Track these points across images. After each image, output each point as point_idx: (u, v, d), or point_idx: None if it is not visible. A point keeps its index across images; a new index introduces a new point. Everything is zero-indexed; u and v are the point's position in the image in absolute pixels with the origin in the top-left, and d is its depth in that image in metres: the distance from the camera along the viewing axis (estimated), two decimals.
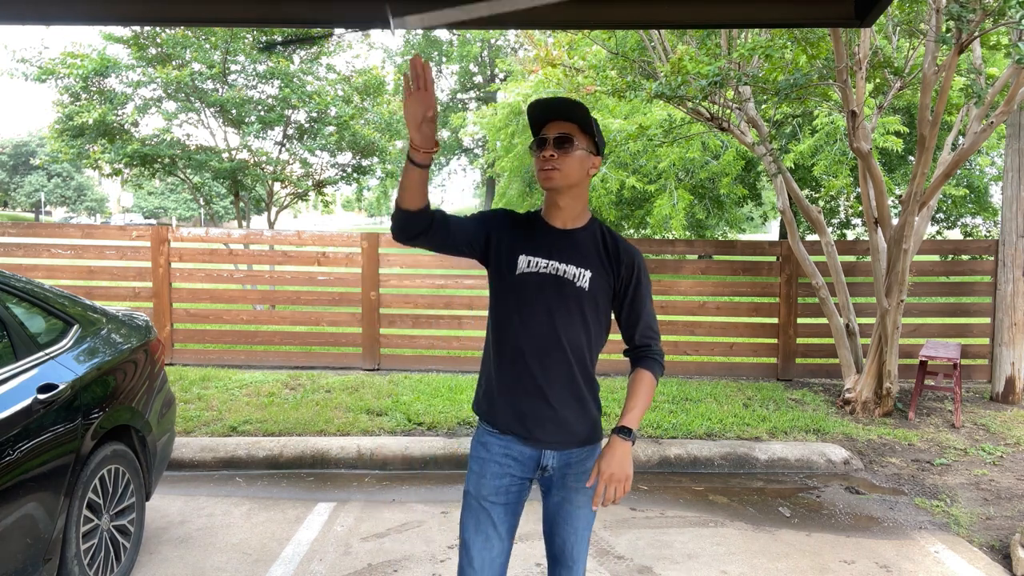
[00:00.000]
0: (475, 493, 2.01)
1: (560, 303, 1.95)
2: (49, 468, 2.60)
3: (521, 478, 2.01)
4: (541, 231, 2.02)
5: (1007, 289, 6.45)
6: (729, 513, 4.11)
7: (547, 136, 1.93)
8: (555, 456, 2.00)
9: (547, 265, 1.96)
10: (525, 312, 1.96)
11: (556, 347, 1.95)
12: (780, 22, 2.35)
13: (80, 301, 3.40)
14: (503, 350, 2.00)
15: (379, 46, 30.69)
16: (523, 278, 1.97)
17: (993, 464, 4.87)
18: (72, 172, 45.40)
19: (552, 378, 1.95)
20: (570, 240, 1.99)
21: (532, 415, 1.95)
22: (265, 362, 7.22)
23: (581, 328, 1.97)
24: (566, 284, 1.95)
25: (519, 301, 1.98)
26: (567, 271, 1.95)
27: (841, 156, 9.20)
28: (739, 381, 6.95)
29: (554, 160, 1.91)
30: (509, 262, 1.98)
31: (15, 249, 7.45)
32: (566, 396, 1.97)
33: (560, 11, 2.34)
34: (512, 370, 1.98)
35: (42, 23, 2.33)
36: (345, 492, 4.34)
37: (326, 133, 10.51)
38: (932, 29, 5.08)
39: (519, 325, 1.97)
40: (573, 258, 1.97)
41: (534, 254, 1.98)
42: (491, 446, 2.01)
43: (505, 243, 2.00)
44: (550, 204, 2.01)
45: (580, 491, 2.00)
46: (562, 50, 7.53)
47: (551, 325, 1.95)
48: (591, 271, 1.97)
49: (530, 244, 1.99)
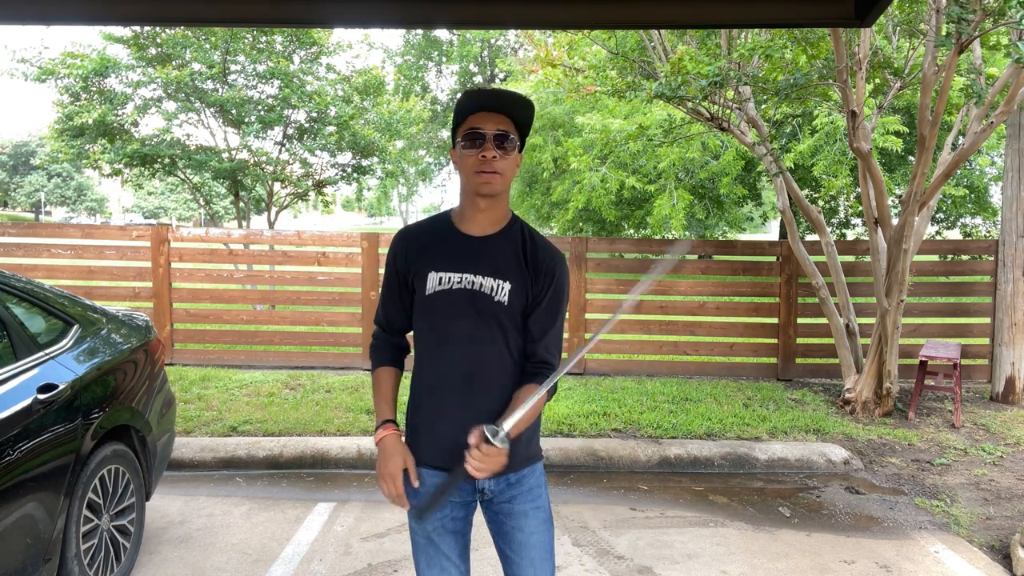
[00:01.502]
0: (420, 531, 1.84)
1: (479, 321, 1.73)
2: (49, 468, 2.60)
3: (462, 503, 1.83)
4: (452, 241, 1.78)
5: (1007, 289, 6.45)
6: (729, 513, 4.11)
7: (485, 132, 1.68)
8: (492, 480, 1.80)
9: (460, 280, 1.74)
10: (441, 336, 1.76)
11: (479, 371, 1.75)
12: (780, 22, 2.35)
13: (80, 301, 3.40)
14: (419, 381, 1.83)
15: (379, 46, 30.65)
16: (433, 298, 1.75)
17: (993, 464, 4.87)
18: (72, 172, 45.41)
19: (477, 407, 1.74)
20: (486, 248, 1.76)
21: (457, 450, 1.68)
22: (265, 362, 7.22)
23: (504, 346, 1.76)
24: (483, 299, 1.73)
25: (432, 325, 1.77)
26: (483, 284, 1.73)
27: (841, 156, 9.21)
28: (739, 381, 6.95)
29: (496, 162, 1.68)
30: (420, 282, 1.77)
31: (15, 249, 7.45)
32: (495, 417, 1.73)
33: (560, 11, 2.34)
34: (430, 401, 1.79)
35: (42, 23, 2.33)
36: (345, 492, 4.34)
37: (326, 133, 10.51)
38: (932, 29, 5.08)
39: (434, 352, 1.77)
40: (489, 269, 1.74)
41: (444, 269, 1.75)
42: (425, 478, 1.80)
43: (414, 263, 1.78)
44: (470, 209, 1.77)
45: (530, 515, 1.82)
46: (562, 50, 7.53)
47: (471, 347, 1.74)
48: (511, 282, 1.74)
49: (440, 258, 1.76)
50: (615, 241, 10.09)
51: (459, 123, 1.74)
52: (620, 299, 7.22)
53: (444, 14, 2.32)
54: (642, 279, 1.71)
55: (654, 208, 12.38)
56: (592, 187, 12.43)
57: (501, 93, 1.70)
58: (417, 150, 27.81)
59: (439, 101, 29.57)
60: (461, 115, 1.73)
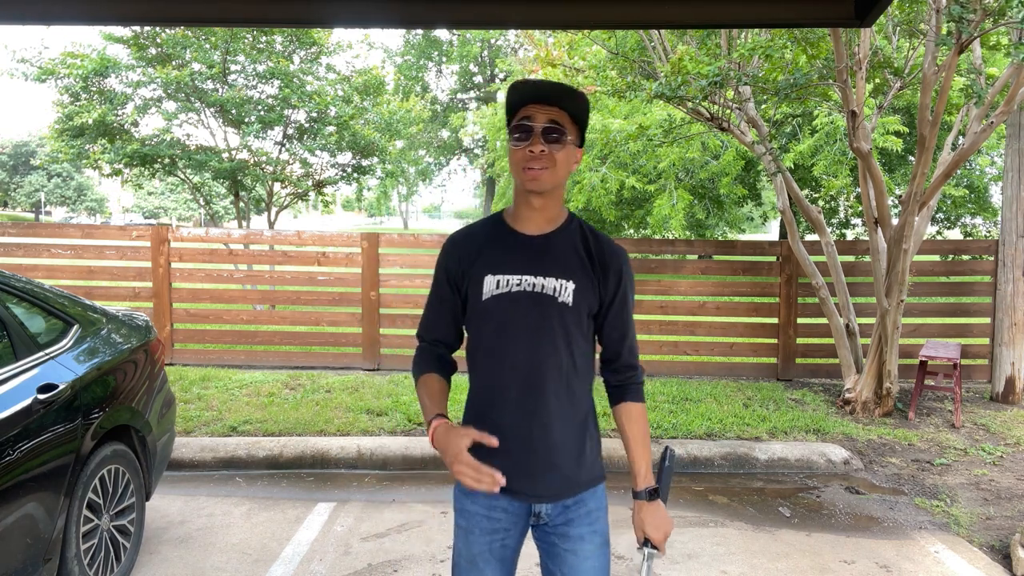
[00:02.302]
0: (465, 553, 1.71)
1: (542, 325, 1.62)
2: (49, 468, 2.60)
3: (515, 530, 1.72)
4: (509, 241, 1.68)
5: (1007, 289, 6.45)
6: (729, 513, 4.11)
7: (533, 125, 1.58)
8: (550, 505, 1.70)
9: (520, 281, 1.63)
10: (499, 343, 1.64)
11: (541, 381, 1.63)
12: (780, 22, 2.35)
13: (80, 301, 3.40)
14: (477, 393, 1.71)
15: (379, 46, 30.65)
16: (492, 302, 1.63)
17: (993, 464, 4.87)
18: (72, 172, 45.41)
19: (538, 419, 1.63)
20: (546, 247, 1.66)
21: (516, 468, 1.61)
22: (265, 362, 7.22)
23: (568, 353, 1.64)
24: (546, 301, 1.62)
25: (491, 331, 1.65)
26: (546, 285, 1.62)
27: (841, 156, 9.21)
28: (739, 381, 6.95)
29: (544, 157, 1.58)
30: (475, 287, 1.66)
31: (15, 249, 7.45)
32: (557, 438, 1.65)
33: (560, 11, 2.34)
34: (492, 417, 1.65)
35: (42, 23, 2.33)
36: (345, 492, 4.34)
37: (326, 133, 10.51)
38: (932, 29, 5.08)
39: (493, 360, 1.65)
40: (551, 268, 1.64)
41: (503, 271, 1.64)
42: (476, 497, 1.70)
43: (468, 268, 1.67)
44: (523, 207, 1.67)
45: (587, 539, 1.70)
46: (562, 50, 7.54)
47: (533, 355, 1.62)
48: (574, 281, 1.64)
49: (496, 260, 1.65)
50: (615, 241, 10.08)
51: (511, 115, 1.64)
52: None
53: (444, 14, 2.31)
54: None
55: (654, 208, 12.37)
56: (592, 187, 12.43)
57: (550, 84, 1.60)
58: (417, 150, 27.81)
59: (439, 101, 29.57)
60: (511, 109, 1.63)
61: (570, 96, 1.60)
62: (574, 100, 1.61)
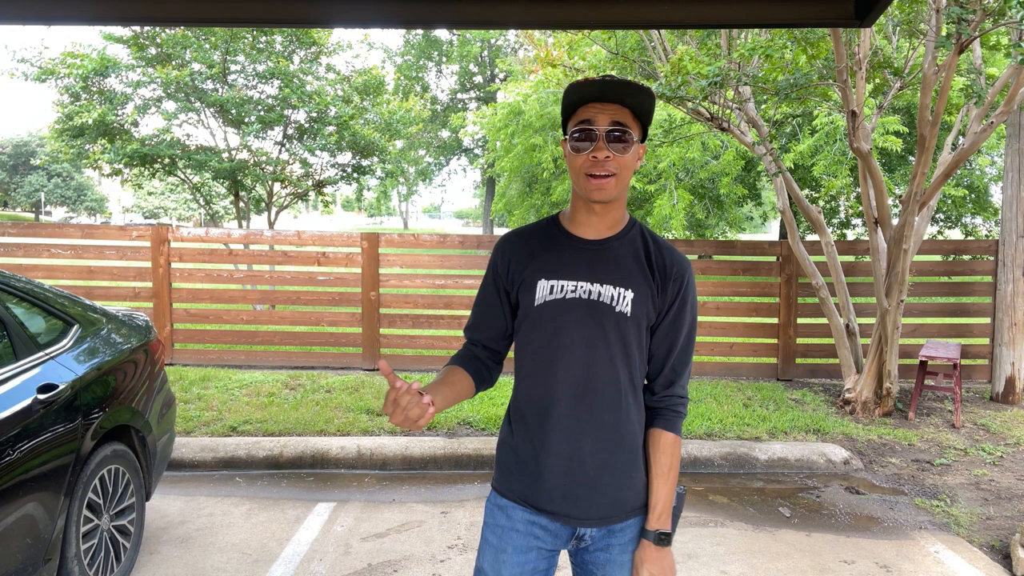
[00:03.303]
0: (491, 571, 1.57)
1: (597, 335, 1.51)
2: (49, 468, 2.60)
3: (551, 550, 1.59)
4: (565, 245, 1.57)
5: (1007, 289, 6.45)
6: (729, 513, 4.11)
7: (595, 128, 1.45)
8: (595, 529, 1.58)
9: (576, 288, 1.52)
10: (551, 352, 1.53)
11: (595, 394, 1.51)
12: (780, 22, 2.35)
13: (80, 301, 3.40)
14: (525, 405, 1.57)
15: (379, 46, 30.66)
16: (545, 308, 1.53)
17: (993, 464, 4.87)
18: (72, 172, 45.41)
19: (590, 436, 1.51)
20: (605, 253, 1.54)
21: (563, 490, 1.52)
22: (265, 362, 7.22)
23: (625, 366, 1.52)
24: (603, 310, 1.51)
25: (543, 338, 1.53)
26: (603, 293, 1.51)
27: (841, 156, 9.21)
28: (739, 381, 6.95)
29: (610, 163, 1.45)
30: (527, 292, 1.55)
31: (15, 249, 7.45)
32: (608, 458, 1.53)
33: (560, 11, 2.33)
34: (537, 431, 1.54)
35: (42, 23, 2.33)
36: (345, 492, 4.34)
37: (326, 133, 10.52)
38: (932, 29, 5.08)
39: (543, 370, 1.53)
40: (610, 275, 1.52)
41: (557, 276, 1.53)
42: (512, 512, 1.57)
43: (520, 272, 1.57)
44: (583, 211, 1.55)
45: (626, 567, 1.60)
46: (562, 50, 7.53)
47: (586, 367, 1.51)
48: (633, 290, 1.52)
49: (551, 264, 1.54)
50: None
51: (568, 116, 1.51)
52: None
53: (444, 14, 2.31)
54: None
55: (654, 208, 12.38)
56: None
57: (612, 80, 1.45)
58: (417, 150, 27.82)
59: (439, 101, 29.57)
60: (570, 107, 1.50)
61: (633, 91, 1.46)
62: (638, 95, 1.47)
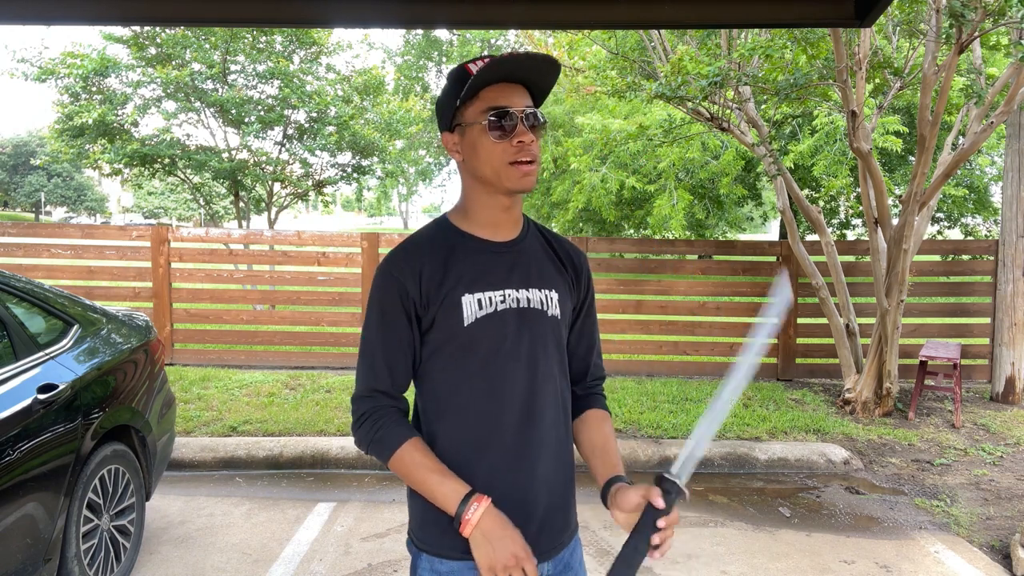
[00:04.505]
0: None
1: (537, 347, 1.36)
2: (49, 468, 2.60)
3: None
4: (476, 253, 1.36)
5: (1007, 289, 6.45)
6: (729, 513, 4.11)
7: (513, 109, 1.28)
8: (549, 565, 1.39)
9: (504, 298, 1.34)
10: (491, 375, 1.33)
11: (540, 413, 1.36)
12: (780, 22, 2.35)
13: (80, 301, 3.40)
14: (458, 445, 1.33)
15: (379, 46, 30.67)
16: (477, 327, 1.32)
17: (993, 464, 4.87)
18: (72, 172, 45.41)
19: (538, 457, 1.35)
20: (519, 255, 1.39)
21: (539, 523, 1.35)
22: (265, 362, 7.22)
23: (561, 374, 1.41)
24: (537, 317, 1.36)
25: (478, 362, 1.33)
26: (531, 298, 1.36)
27: (841, 156, 9.20)
28: None
29: (534, 147, 1.31)
30: (450, 311, 1.32)
31: (15, 249, 7.45)
32: (556, 478, 1.38)
33: (560, 11, 2.34)
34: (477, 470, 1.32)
35: (42, 23, 2.33)
36: (345, 492, 4.34)
37: (326, 133, 10.52)
38: (932, 29, 5.08)
39: (484, 399, 1.33)
40: (533, 278, 1.38)
41: (481, 288, 1.33)
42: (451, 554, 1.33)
43: (436, 290, 1.32)
44: (494, 210, 1.37)
45: None
46: (562, 50, 7.53)
47: (530, 384, 1.34)
48: (556, 290, 1.40)
49: (469, 275, 1.33)
50: (615, 241, 10.12)
51: (467, 99, 1.30)
52: (620, 299, 7.23)
53: (444, 14, 2.32)
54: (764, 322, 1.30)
55: (654, 208, 12.38)
56: (592, 187, 12.44)
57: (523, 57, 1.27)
58: (417, 150, 27.80)
59: None
60: (471, 89, 1.28)
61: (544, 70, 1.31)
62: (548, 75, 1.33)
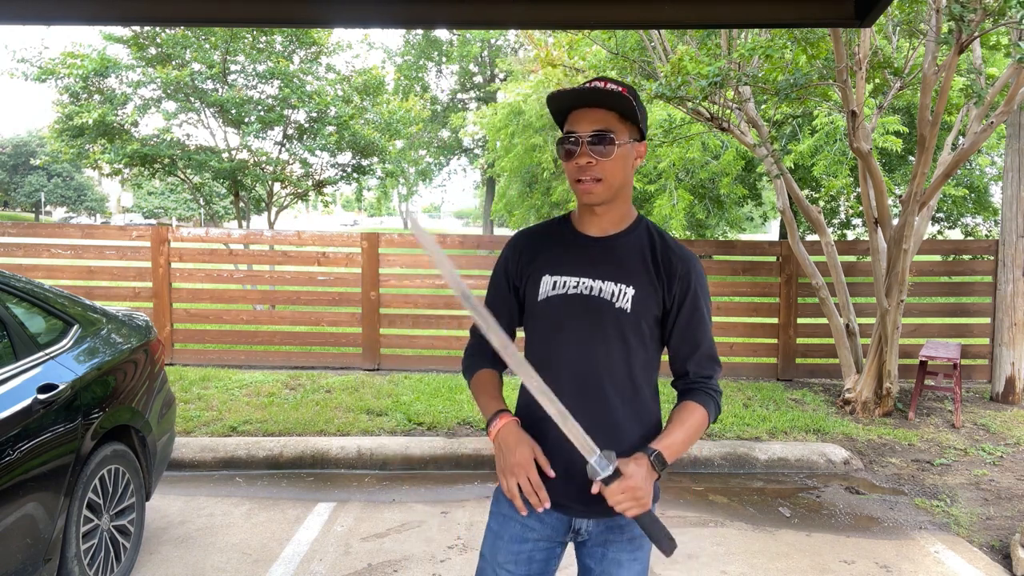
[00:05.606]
0: (489, 557, 1.63)
1: (595, 331, 1.54)
2: (49, 468, 2.59)
3: (548, 542, 1.62)
4: (570, 242, 1.62)
5: (1007, 289, 6.45)
6: (729, 513, 4.11)
7: (578, 134, 1.50)
8: (591, 521, 1.61)
9: (577, 284, 1.56)
10: (551, 346, 1.57)
11: (592, 389, 1.55)
12: (780, 22, 2.35)
13: (80, 301, 3.40)
14: (527, 397, 1.60)
15: (379, 46, 30.66)
16: (546, 304, 1.57)
17: (993, 464, 4.87)
18: (72, 172, 45.41)
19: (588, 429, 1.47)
20: (608, 250, 1.58)
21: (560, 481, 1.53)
22: (265, 362, 7.22)
23: (623, 360, 1.56)
24: (602, 306, 1.54)
25: (544, 333, 1.59)
26: (603, 289, 1.55)
27: (841, 156, 9.20)
28: (739, 381, 6.95)
29: (593, 168, 1.50)
30: (532, 287, 1.61)
31: (15, 249, 7.45)
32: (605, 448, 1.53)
33: (560, 11, 2.34)
34: (538, 423, 1.55)
35: (42, 23, 2.33)
36: (345, 492, 4.34)
37: (326, 133, 10.52)
38: (932, 29, 5.08)
39: (545, 364, 1.53)
40: (611, 272, 1.56)
41: (560, 272, 1.58)
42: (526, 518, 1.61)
43: (527, 267, 1.63)
44: (585, 211, 1.61)
45: (624, 565, 1.62)
46: (562, 50, 7.53)
47: (584, 361, 1.55)
48: (635, 287, 1.55)
49: (555, 260, 1.60)
50: None
51: (561, 123, 1.58)
52: None
53: (444, 14, 2.32)
54: None
55: (654, 208, 12.38)
56: None
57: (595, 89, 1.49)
58: (417, 150, 27.81)
59: (439, 101, 29.57)
60: (559, 114, 1.57)
61: (613, 95, 1.49)
62: (619, 97, 1.49)
